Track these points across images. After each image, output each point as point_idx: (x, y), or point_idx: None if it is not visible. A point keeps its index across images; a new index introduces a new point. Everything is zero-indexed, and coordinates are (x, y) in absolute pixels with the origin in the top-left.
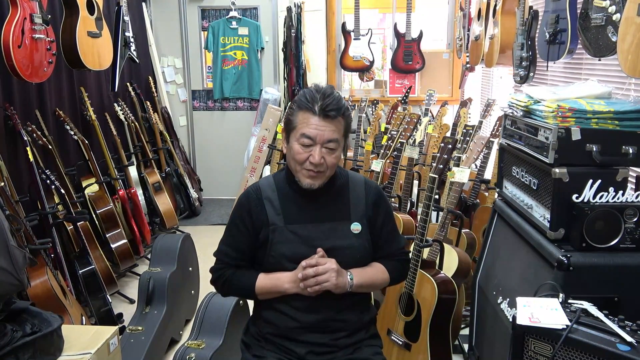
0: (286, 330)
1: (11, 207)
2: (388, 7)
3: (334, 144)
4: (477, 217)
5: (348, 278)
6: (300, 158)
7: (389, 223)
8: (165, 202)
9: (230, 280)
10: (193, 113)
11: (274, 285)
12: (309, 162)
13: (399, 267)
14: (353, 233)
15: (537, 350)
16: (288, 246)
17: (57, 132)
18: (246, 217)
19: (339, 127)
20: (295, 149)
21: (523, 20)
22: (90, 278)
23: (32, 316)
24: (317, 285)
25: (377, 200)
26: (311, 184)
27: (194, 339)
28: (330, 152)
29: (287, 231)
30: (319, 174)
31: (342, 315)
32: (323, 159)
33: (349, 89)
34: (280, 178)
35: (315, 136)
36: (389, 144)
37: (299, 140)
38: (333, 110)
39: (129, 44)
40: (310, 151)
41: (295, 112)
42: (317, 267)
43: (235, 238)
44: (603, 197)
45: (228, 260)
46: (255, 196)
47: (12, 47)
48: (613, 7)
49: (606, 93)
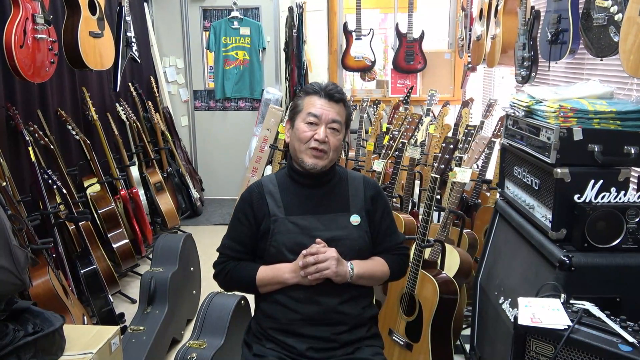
0: (287, 323)
1: (13, 207)
2: (390, 7)
3: (337, 125)
4: (479, 217)
5: (349, 267)
6: (305, 136)
7: (387, 218)
8: (167, 202)
9: (232, 273)
10: (195, 113)
11: (275, 276)
12: (313, 140)
13: (398, 261)
14: (352, 224)
15: (539, 350)
16: (288, 236)
17: (58, 132)
18: (248, 211)
19: (341, 111)
20: (301, 128)
21: (525, 20)
22: (92, 278)
23: (33, 316)
24: (317, 273)
25: (375, 195)
26: (315, 164)
27: (195, 339)
28: (333, 133)
29: (288, 222)
30: (323, 154)
31: (343, 307)
32: (327, 138)
33: (351, 89)
34: (281, 174)
35: (320, 114)
36: (391, 144)
37: (305, 119)
38: (337, 93)
39: (131, 44)
40: (315, 129)
41: (302, 97)
42: (317, 254)
43: (237, 231)
44: (605, 197)
45: (231, 253)
46: (257, 190)
47: (14, 47)
48: (615, 7)
49: (608, 93)
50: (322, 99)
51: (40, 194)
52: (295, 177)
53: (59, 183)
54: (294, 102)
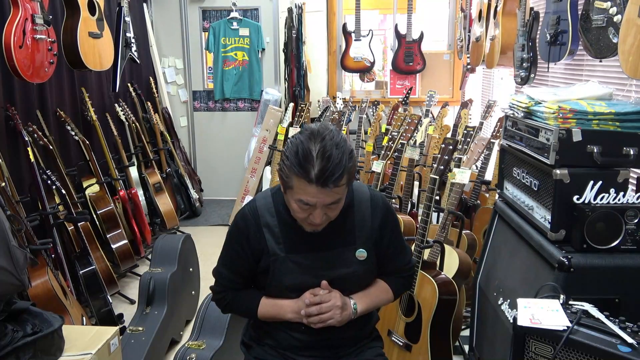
0: (287, 347)
1: (12, 207)
2: (389, 8)
3: (336, 204)
4: (478, 218)
5: (352, 309)
6: (300, 217)
7: (395, 240)
8: (166, 203)
9: (232, 304)
10: (194, 114)
11: (277, 313)
12: (308, 223)
13: (403, 283)
14: (358, 260)
15: (538, 351)
16: (290, 277)
17: (58, 132)
18: (245, 244)
19: (341, 188)
20: (294, 208)
21: (524, 21)
22: (91, 278)
23: (32, 316)
24: (320, 323)
25: (383, 221)
26: (314, 230)
27: (194, 340)
28: (332, 208)
29: (289, 261)
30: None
31: (344, 333)
32: (325, 216)
33: (350, 89)
34: (279, 200)
35: (314, 203)
36: (390, 145)
37: (297, 202)
38: (333, 180)
39: (130, 45)
40: (310, 211)
41: (290, 175)
42: (320, 305)
43: (234, 262)
44: (604, 198)
45: (228, 284)
46: (254, 222)
47: (13, 47)
48: (614, 9)
49: (607, 94)
50: (314, 186)
51: (39, 194)
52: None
53: (58, 183)
54: (281, 172)
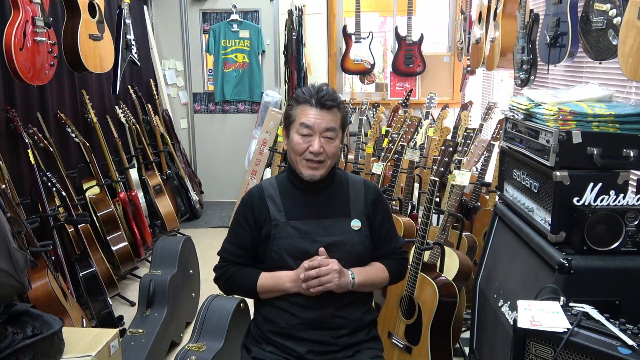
0: (287, 327)
1: (12, 209)
2: (389, 10)
3: (332, 132)
4: (478, 220)
5: (350, 278)
6: (300, 148)
7: (387, 222)
8: (166, 205)
9: (233, 278)
10: (194, 116)
11: (276, 284)
12: (308, 152)
13: (397, 266)
14: (353, 229)
15: (538, 353)
16: (289, 241)
17: (58, 134)
18: (249, 215)
19: (335, 117)
20: (295, 140)
21: (524, 23)
22: (91, 280)
23: (32, 318)
24: (319, 286)
25: (376, 200)
26: (312, 175)
27: (194, 342)
28: (329, 142)
29: (289, 227)
30: (320, 164)
31: (343, 312)
32: (322, 148)
33: (350, 91)
34: (282, 177)
35: (313, 124)
36: (390, 146)
37: (298, 130)
38: (329, 100)
39: (131, 47)
40: (309, 141)
41: (294, 106)
42: (319, 268)
43: (238, 235)
44: (604, 200)
45: (231, 257)
46: (258, 194)
47: (13, 49)
48: (614, 11)
49: (607, 96)
50: (314, 108)
51: (39, 196)
52: (295, 182)
53: (59, 185)
54: (287, 112)
